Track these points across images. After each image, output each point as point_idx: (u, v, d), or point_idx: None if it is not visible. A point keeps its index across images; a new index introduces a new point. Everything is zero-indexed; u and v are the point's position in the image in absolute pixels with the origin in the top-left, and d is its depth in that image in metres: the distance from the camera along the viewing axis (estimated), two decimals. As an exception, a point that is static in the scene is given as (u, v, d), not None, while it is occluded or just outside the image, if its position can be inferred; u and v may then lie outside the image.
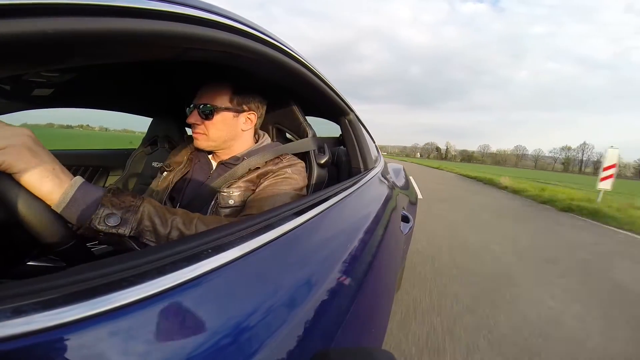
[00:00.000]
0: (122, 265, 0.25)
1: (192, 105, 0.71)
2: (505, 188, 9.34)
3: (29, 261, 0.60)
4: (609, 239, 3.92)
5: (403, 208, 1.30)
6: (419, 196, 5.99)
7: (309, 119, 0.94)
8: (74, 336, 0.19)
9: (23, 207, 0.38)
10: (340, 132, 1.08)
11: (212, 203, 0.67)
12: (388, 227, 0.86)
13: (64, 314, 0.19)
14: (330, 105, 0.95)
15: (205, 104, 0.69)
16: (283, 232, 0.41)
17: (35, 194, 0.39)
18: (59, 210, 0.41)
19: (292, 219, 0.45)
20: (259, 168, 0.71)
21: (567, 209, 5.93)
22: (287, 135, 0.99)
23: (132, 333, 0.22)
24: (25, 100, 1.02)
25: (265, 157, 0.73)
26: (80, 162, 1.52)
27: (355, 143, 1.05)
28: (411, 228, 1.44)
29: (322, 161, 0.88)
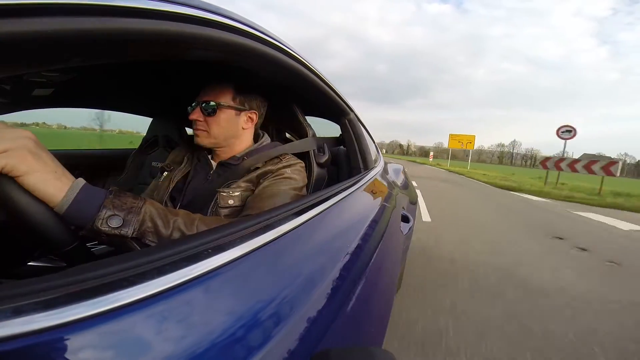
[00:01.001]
0: (122, 265, 0.25)
1: (194, 104, 0.72)
2: (415, 162, 30.65)
3: (29, 261, 0.60)
4: (423, 166, 23.83)
5: (403, 208, 1.30)
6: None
7: (309, 119, 0.94)
8: (74, 336, 0.19)
9: (26, 210, 0.38)
10: (340, 132, 1.08)
11: (212, 203, 0.67)
12: (388, 227, 0.86)
13: (64, 314, 0.19)
14: (330, 105, 0.95)
15: (208, 102, 0.70)
16: (283, 232, 0.41)
17: (38, 196, 0.39)
18: (61, 213, 0.41)
19: (292, 219, 0.45)
20: (258, 168, 0.71)
21: (421, 163, 31.07)
22: (287, 135, 0.99)
23: (132, 333, 0.22)
24: (25, 100, 1.02)
25: (264, 157, 0.73)
26: (80, 162, 1.52)
27: (355, 143, 1.05)
28: (411, 228, 1.44)
29: (322, 161, 0.88)
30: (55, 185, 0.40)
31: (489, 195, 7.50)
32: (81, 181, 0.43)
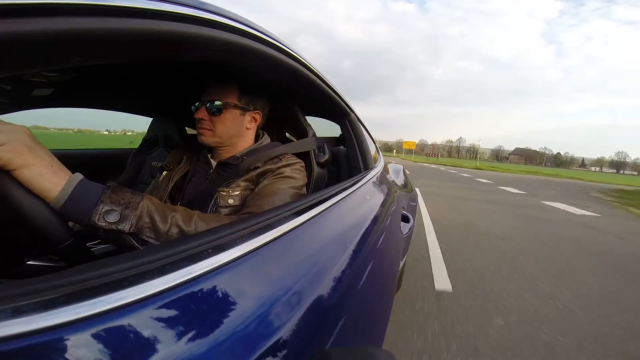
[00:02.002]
0: (122, 265, 0.25)
1: (198, 103, 0.72)
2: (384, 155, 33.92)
3: (29, 261, 0.60)
4: (389, 157, 24.54)
5: (403, 208, 1.30)
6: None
7: (309, 119, 0.94)
8: (74, 336, 0.19)
9: (22, 204, 0.38)
10: (340, 132, 1.08)
11: (212, 202, 0.67)
12: (388, 227, 0.86)
13: (64, 314, 0.19)
14: (330, 105, 0.95)
15: (213, 101, 0.70)
16: (283, 232, 0.41)
17: (34, 191, 0.39)
18: (57, 207, 0.41)
19: (292, 219, 0.45)
20: (258, 167, 0.71)
21: (387, 155, 33.87)
22: (287, 135, 0.99)
23: (132, 333, 0.22)
24: (25, 100, 1.02)
25: (264, 156, 0.73)
26: (79, 162, 1.52)
27: (355, 143, 1.05)
28: (411, 228, 1.44)
29: (322, 161, 0.88)
30: (51, 180, 0.40)
31: (409, 163, 22.39)
32: (78, 176, 0.43)
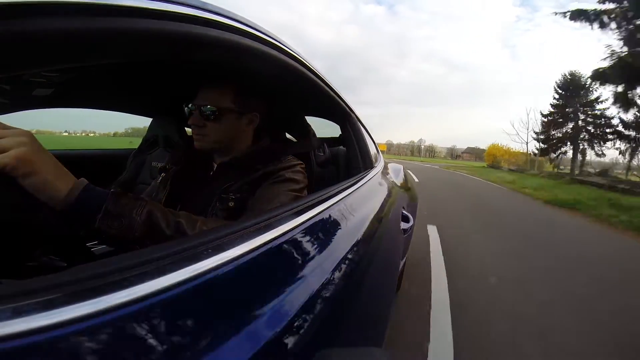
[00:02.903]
0: (122, 265, 0.25)
1: (191, 105, 0.69)
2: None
3: (29, 262, 0.60)
4: None
5: (403, 207, 1.30)
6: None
7: (309, 119, 0.94)
8: (74, 336, 0.19)
9: (26, 210, 0.38)
10: (340, 132, 1.08)
11: (212, 205, 0.67)
12: (388, 226, 0.86)
13: (64, 314, 0.19)
14: (331, 106, 0.95)
15: (206, 105, 0.67)
16: (283, 232, 0.41)
17: (39, 196, 0.39)
18: (62, 213, 0.41)
19: (292, 219, 0.45)
20: (259, 169, 0.70)
21: None
22: (287, 135, 0.99)
23: (132, 333, 0.22)
24: (25, 100, 1.02)
25: (265, 158, 0.73)
26: (80, 162, 1.52)
27: (355, 143, 1.05)
28: (411, 228, 1.44)
29: (322, 161, 0.88)
30: (56, 187, 0.40)
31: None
32: (83, 181, 0.43)
